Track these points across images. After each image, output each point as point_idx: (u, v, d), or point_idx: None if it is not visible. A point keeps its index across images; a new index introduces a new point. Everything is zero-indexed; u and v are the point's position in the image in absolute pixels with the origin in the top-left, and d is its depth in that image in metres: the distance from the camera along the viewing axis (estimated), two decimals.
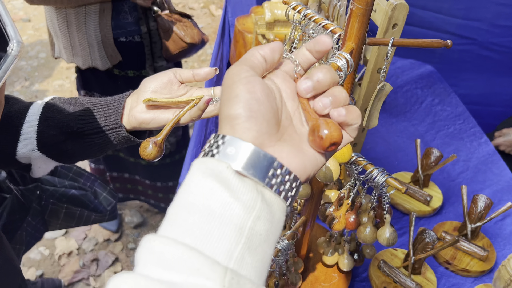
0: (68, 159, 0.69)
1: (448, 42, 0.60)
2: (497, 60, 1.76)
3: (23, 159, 0.68)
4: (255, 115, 0.36)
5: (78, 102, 0.67)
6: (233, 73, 0.38)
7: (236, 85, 0.37)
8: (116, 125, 0.65)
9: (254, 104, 0.36)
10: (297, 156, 0.38)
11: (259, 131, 0.36)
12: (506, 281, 0.78)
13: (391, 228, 0.68)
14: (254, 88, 0.37)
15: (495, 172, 1.23)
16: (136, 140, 0.67)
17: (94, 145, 0.66)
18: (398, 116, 1.43)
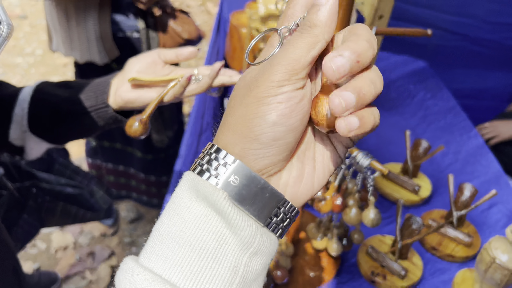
0: (59, 140, 0.72)
1: (428, 32, 0.63)
2: (488, 55, 1.80)
3: (15, 141, 0.70)
4: (277, 144, 0.30)
5: (67, 84, 0.70)
6: (270, 83, 0.30)
7: (269, 103, 0.30)
8: (104, 105, 0.67)
9: (281, 132, 0.30)
10: (302, 182, 0.33)
11: (273, 160, 0.31)
12: (487, 264, 0.80)
13: (375, 209, 0.71)
14: (290, 110, 0.30)
15: (483, 164, 1.25)
16: (123, 119, 0.69)
17: (83, 125, 0.69)
18: (390, 110, 1.46)
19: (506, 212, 1.10)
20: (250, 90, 0.31)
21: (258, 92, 0.30)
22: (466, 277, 0.91)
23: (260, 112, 0.30)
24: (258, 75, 0.31)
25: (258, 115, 0.30)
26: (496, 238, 0.82)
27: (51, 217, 1.10)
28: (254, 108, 0.30)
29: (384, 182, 1.12)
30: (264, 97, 0.30)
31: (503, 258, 0.79)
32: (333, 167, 0.34)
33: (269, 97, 0.30)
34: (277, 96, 0.30)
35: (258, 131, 0.30)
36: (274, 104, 0.30)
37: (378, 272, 0.90)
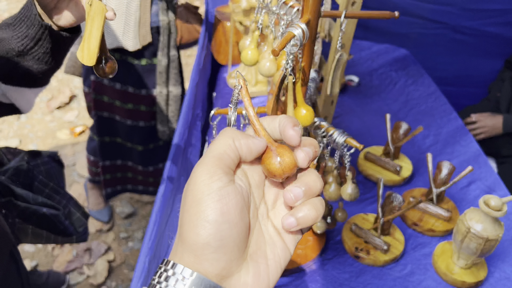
0: (34, 81, 0.73)
1: (396, 14, 0.67)
2: (469, 43, 1.85)
3: (2, 98, 0.72)
4: (226, 242, 0.32)
5: (7, 23, 0.71)
6: (201, 182, 0.32)
7: (206, 203, 0.32)
8: (44, 28, 0.68)
9: (226, 229, 0.32)
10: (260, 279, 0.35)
11: (227, 260, 0.33)
12: (463, 233, 0.85)
13: (353, 184, 0.75)
14: (227, 207, 0.32)
15: (462, 144, 1.30)
16: (70, 36, 0.71)
17: (42, 55, 0.71)
18: (373, 96, 1.51)
19: (484, 188, 1.15)
20: (186, 196, 0.33)
21: (194, 195, 0.32)
22: (445, 249, 0.95)
23: (202, 215, 0.32)
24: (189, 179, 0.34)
25: (200, 218, 0.32)
26: (470, 210, 0.87)
27: (24, 236, 1.06)
28: (195, 212, 0.32)
29: (367, 164, 1.17)
30: (200, 199, 0.32)
31: (477, 227, 0.84)
32: (284, 263, 0.36)
33: (206, 196, 0.32)
34: (211, 194, 0.32)
35: (205, 233, 0.32)
36: (213, 203, 0.32)
37: (362, 248, 0.95)
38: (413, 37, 1.88)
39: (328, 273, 0.92)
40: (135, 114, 1.65)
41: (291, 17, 0.68)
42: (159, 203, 0.90)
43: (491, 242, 0.83)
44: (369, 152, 1.18)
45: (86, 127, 2.59)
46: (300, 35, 0.61)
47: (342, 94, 1.50)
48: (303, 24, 0.62)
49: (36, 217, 1.03)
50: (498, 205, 0.81)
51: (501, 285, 0.91)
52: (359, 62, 1.68)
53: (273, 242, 0.37)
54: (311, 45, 0.69)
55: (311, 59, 0.71)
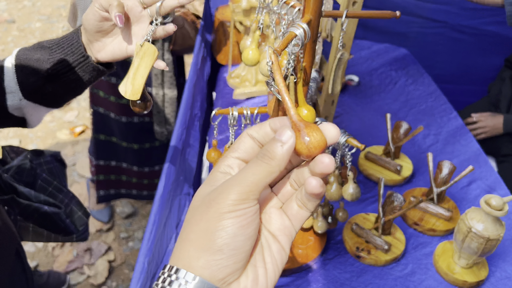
0: (54, 102, 0.75)
1: (397, 13, 0.67)
2: (467, 41, 1.85)
3: (15, 111, 0.74)
4: (238, 252, 0.34)
5: (43, 45, 0.72)
6: (230, 201, 0.34)
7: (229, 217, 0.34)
8: (83, 58, 0.70)
9: (241, 241, 0.34)
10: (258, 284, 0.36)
11: (235, 268, 0.34)
12: (464, 233, 0.85)
13: (354, 184, 0.75)
14: (247, 221, 0.34)
15: (463, 143, 1.30)
16: (105, 70, 0.73)
17: (71, 82, 0.72)
18: (373, 96, 1.51)
19: (484, 187, 1.15)
20: (210, 207, 0.34)
21: (218, 208, 0.34)
22: (446, 248, 0.96)
23: (221, 226, 0.33)
24: (216, 193, 0.35)
25: (219, 228, 0.33)
26: (472, 209, 0.87)
27: (26, 234, 1.08)
28: (215, 222, 0.33)
29: (367, 163, 1.17)
30: (225, 213, 0.33)
31: (478, 227, 0.84)
32: (281, 264, 0.37)
33: (229, 212, 0.33)
34: (236, 211, 0.33)
35: (221, 242, 0.33)
36: (234, 218, 0.33)
37: (363, 248, 0.95)
38: (413, 36, 1.88)
39: (329, 273, 0.92)
40: (130, 109, 1.66)
41: (292, 17, 0.68)
42: (158, 204, 0.90)
43: (492, 241, 0.83)
44: (370, 152, 1.18)
45: (86, 127, 2.59)
46: (301, 35, 0.60)
47: (342, 94, 1.50)
48: (304, 24, 0.61)
49: (37, 214, 1.04)
50: (500, 204, 0.81)
51: (502, 284, 0.91)
52: (359, 62, 1.68)
53: (268, 245, 0.37)
54: (313, 45, 0.69)
55: (312, 59, 0.70)
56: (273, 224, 0.38)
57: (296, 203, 0.37)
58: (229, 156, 0.38)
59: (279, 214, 0.38)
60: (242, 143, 0.38)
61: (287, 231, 0.38)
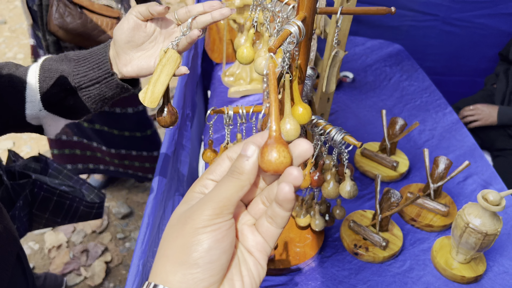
0: (74, 115, 0.74)
1: (392, 9, 0.67)
2: (458, 34, 1.86)
3: (33, 121, 0.73)
4: (214, 265, 0.35)
5: (69, 57, 0.71)
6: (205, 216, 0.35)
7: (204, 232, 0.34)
8: (108, 74, 0.69)
9: (216, 254, 0.35)
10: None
11: (210, 281, 0.35)
12: (461, 228, 0.85)
13: (351, 182, 0.75)
14: (222, 235, 0.35)
15: (458, 138, 1.30)
16: (129, 87, 0.72)
17: (93, 97, 0.71)
18: (368, 92, 1.50)
19: (481, 182, 1.15)
20: (186, 223, 0.35)
21: (194, 224, 0.35)
22: (444, 244, 0.96)
23: (196, 240, 0.34)
24: (191, 211, 0.36)
25: (195, 243, 0.34)
26: (469, 205, 0.87)
27: (42, 213, 1.12)
28: (191, 237, 0.35)
29: (364, 160, 1.16)
30: (200, 228, 0.34)
31: (476, 222, 0.84)
32: (258, 278, 0.38)
33: (204, 227, 0.34)
34: (211, 226, 0.35)
35: (197, 256, 0.34)
36: (209, 232, 0.34)
37: (361, 245, 0.95)
38: (405, 30, 1.88)
39: (328, 270, 0.92)
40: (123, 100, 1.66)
41: (286, 14, 0.67)
42: (151, 205, 0.89)
43: (490, 236, 0.83)
44: (366, 149, 1.18)
45: None
46: (296, 32, 0.60)
47: (337, 91, 1.50)
48: (299, 21, 0.61)
49: (58, 193, 1.09)
50: (497, 199, 0.81)
51: (500, 279, 0.91)
52: (354, 58, 1.68)
53: (245, 259, 0.38)
54: (308, 42, 0.68)
55: (307, 57, 0.70)
56: (248, 240, 0.39)
57: (266, 219, 0.38)
58: (205, 178, 0.39)
59: (251, 231, 0.39)
60: (219, 165, 0.39)
61: (261, 247, 0.39)
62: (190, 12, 0.68)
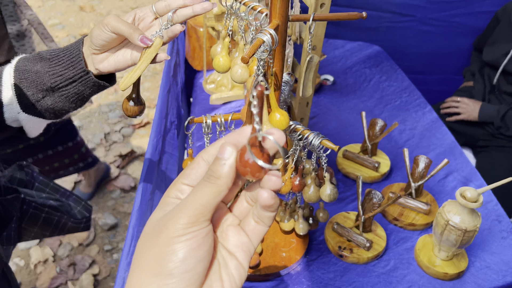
0: (54, 115, 0.73)
1: (363, 14, 0.68)
2: (435, 33, 1.89)
3: (13, 123, 0.72)
4: (190, 275, 0.34)
5: (43, 56, 0.70)
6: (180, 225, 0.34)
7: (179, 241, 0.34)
8: (84, 73, 0.68)
9: (192, 263, 0.34)
10: None
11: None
12: (442, 226, 0.86)
13: (331, 185, 0.75)
14: (197, 243, 0.34)
15: (438, 137, 1.32)
16: (106, 84, 0.71)
17: (71, 96, 0.70)
18: (348, 94, 1.52)
19: (461, 179, 1.17)
20: (161, 232, 0.34)
21: (168, 233, 0.34)
22: (426, 242, 0.97)
23: (171, 250, 0.33)
24: (166, 218, 0.35)
25: (169, 253, 0.33)
26: (448, 202, 0.89)
27: (32, 227, 1.11)
28: (166, 247, 0.34)
29: (346, 162, 1.18)
30: (175, 237, 0.33)
31: (455, 219, 0.85)
32: (240, 281, 0.37)
33: (179, 236, 0.33)
34: (187, 235, 0.34)
35: (172, 266, 0.33)
36: (184, 242, 0.33)
37: (345, 247, 0.96)
38: (383, 31, 1.91)
39: (313, 274, 0.93)
40: None
41: (260, 22, 0.68)
42: (136, 216, 0.89)
43: (469, 233, 0.85)
44: (347, 150, 1.19)
45: None
46: (269, 41, 0.61)
47: (318, 94, 1.51)
48: (271, 30, 0.62)
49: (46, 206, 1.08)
50: (474, 196, 0.82)
51: (482, 274, 0.93)
52: (333, 61, 1.70)
53: (225, 263, 0.37)
54: (282, 49, 0.69)
55: (282, 63, 0.71)
56: (230, 241, 0.38)
57: (253, 218, 0.38)
58: (180, 182, 0.38)
59: (236, 231, 0.38)
60: (194, 169, 0.38)
61: (245, 247, 0.38)
62: (169, 5, 0.68)
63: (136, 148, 2.49)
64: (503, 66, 1.64)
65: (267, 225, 0.37)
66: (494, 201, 1.10)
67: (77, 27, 3.54)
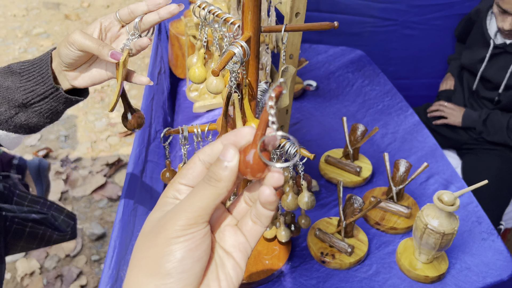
0: (30, 130, 0.72)
1: (335, 24, 0.69)
2: (418, 36, 1.91)
3: None
4: (187, 275, 0.34)
5: (13, 70, 0.69)
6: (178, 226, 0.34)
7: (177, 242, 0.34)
8: (54, 89, 0.67)
9: (189, 263, 0.34)
10: None
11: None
12: (421, 230, 0.87)
13: (308, 193, 0.76)
14: (195, 244, 0.34)
15: (419, 140, 1.34)
16: (78, 99, 0.70)
17: (44, 112, 0.69)
18: (331, 99, 1.53)
19: (442, 181, 1.18)
20: (159, 233, 0.34)
21: (167, 234, 0.34)
22: (408, 245, 0.98)
23: (169, 250, 0.34)
24: (165, 219, 0.35)
25: (167, 253, 0.34)
26: (427, 206, 0.90)
27: (17, 241, 1.10)
28: (164, 247, 0.34)
29: (328, 167, 1.18)
30: (173, 238, 0.34)
31: (434, 223, 0.86)
32: (237, 281, 0.38)
33: (177, 237, 0.34)
34: (185, 236, 0.34)
35: (169, 266, 0.33)
36: (182, 242, 0.34)
37: (327, 252, 0.96)
38: (366, 36, 1.93)
39: (296, 280, 0.93)
40: None
41: (233, 34, 0.69)
42: (117, 228, 0.89)
43: (448, 236, 0.86)
44: (330, 156, 1.20)
45: (50, 149, 2.53)
46: (240, 53, 0.61)
47: (301, 100, 1.52)
48: (243, 42, 0.62)
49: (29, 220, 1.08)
50: (451, 199, 0.84)
51: (462, 275, 0.94)
52: (317, 66, 1.71)
53: (222, 263, 0.38)
54: (255, 59, 0.69)
55: (257, 73, 0.71)
56: (227, 241, 0.38)
57: (251, 218, 0.38)
58: (177, 182, 0.38)
59: (233, 231, 0.38)
60: (191, 169, 0.38)
61: (242, 247, 0.38)
62: (133, 12, 0.67)
63: (123, 157, 2.48)
64: (481, 72, 1.65)
65: (265, 225, 0.38)
66: (474, 203, 1.11)
67: (62, 36, 3.52)
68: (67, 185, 2.27)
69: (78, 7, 3.94)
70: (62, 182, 2.31)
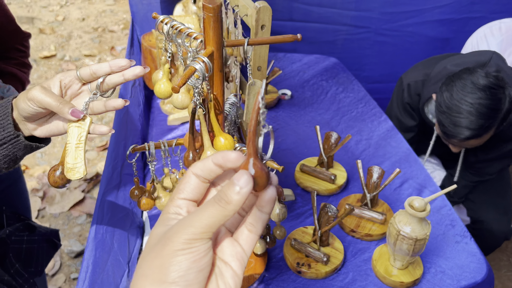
0: None
1: (298, 36, 0.69)
2: (390, 43, 1.94)
3: None
4: (192, 283, 0.36)
5: None
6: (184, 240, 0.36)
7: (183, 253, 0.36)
8: (13, 136, 0.67)
9: (194, 273, 0.36)
10: None
11: None
12: (394, 236, 0.88)
13: (280, 204, 0.76)
14: (200, 256, 0.36)
15: (393, 145, 1.35)
16: (39, 145, 0.69)
17: (2, 158, 0.68)
18: (306, 108, 1.54)
19: (416, 186, 1.19)
20: (166, 245, 0.36)
21: (173, 246, 0.36)
22: (383, 252, 0.98)
23: (175, 261, 0.35)
24: (171, 232, 0.37)
25: (173, 263, 0.35)
26: (399, 212, 0.90)
27: None
28: (170, 258, 0.36)
29: (303, 176, 1.19)
30: (178, 250, 0.36)
31: (406, 229, 0.87)
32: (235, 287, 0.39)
33: (183, 250, 0.36)
34: (190, 249, 0.36)
35: (175, 275, 0.35)
36: (187, 254, 0.36)
37: (303, 263, 0.96)
38: (340, 44, 1.95)
39: None
40: None
41: (195, 49, 0.68)
42: (91, 246, 0.87)
43: (420, 241, 0.86)
44: (304, 164, 1.20)
45: (26, 167, 2.48)
46: (202, 69, 0.61)
47: (276, 109, 1.52)
48: (204, 58, 0.62)
49: None
50: (422, 205, 0.84)
51: (437, 279, 0.95)
52: (291, 75, 1.72)
53: (221, 273, 0.39)
54: (220, 74, 0.69)
55: (222, 87, 0.71)
56: (225, 251, 0.40)
57: (246, 227, 0.39)
58: (176, 198, 0.40)
59: (230, 242, 0.40)
60: (188, 183, 0.39)
61: (239, 256, 0.40)
62: (95, 73, 0.67)
63: (102, 171, 2.45)
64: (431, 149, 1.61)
65: (259, 233, 0.39)
66: (448, 206, 1.12)
67: (37, 50, 3.48)
68: (44, 202, 2.23)
69: (53, 21, 3.89)
70: (39, 200, 2.26)
